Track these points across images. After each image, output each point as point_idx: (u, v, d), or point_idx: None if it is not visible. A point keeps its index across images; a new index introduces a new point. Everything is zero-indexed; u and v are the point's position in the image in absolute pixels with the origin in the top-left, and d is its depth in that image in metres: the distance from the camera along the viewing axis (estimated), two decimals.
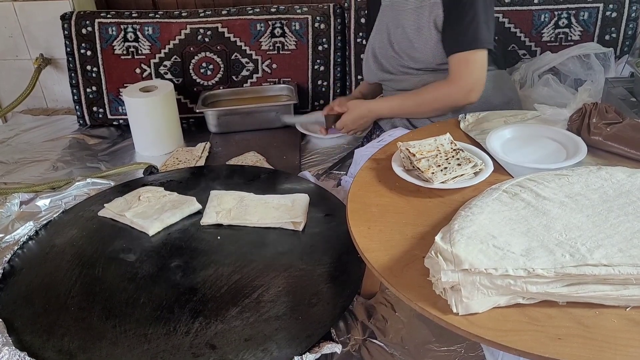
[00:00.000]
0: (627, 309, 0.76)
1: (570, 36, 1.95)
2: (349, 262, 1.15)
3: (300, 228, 1.28)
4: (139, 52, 2.05)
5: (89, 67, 2.07)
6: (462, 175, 1.08)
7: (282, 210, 1.31)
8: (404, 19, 1.47)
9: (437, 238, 0.83)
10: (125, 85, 2.05)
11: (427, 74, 1.48)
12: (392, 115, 1.56)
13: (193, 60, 2.06)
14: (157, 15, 2.05)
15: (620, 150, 1.14)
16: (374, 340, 1.05)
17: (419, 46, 1.44)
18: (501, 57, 1.57)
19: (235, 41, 2.04)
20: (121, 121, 2.12)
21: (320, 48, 2.05)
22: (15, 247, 1.30)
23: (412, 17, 1.44)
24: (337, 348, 1.00)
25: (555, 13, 1.94)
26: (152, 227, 1.29)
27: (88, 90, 2.10)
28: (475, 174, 1.10)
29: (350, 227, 0.99)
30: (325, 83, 2.09)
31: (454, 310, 0.77)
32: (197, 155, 1.83)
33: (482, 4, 1.36)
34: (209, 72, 2.08)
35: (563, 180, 0.97)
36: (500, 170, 1.13)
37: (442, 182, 1.06)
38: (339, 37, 2.05)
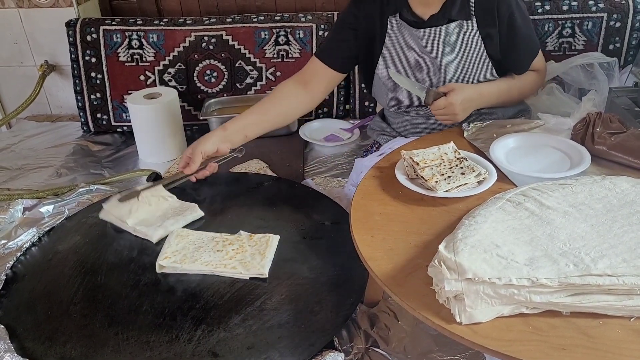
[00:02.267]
0: (631, 320, 0.76)
1: (574, 46, 1.96)
2: (352, 271, 1.14)
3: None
4: (144, 59, 2.06)
5: (93, 74, 2.08)
6: (465, 184, 1.08)
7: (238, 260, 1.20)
8: (435, 48, 1.41)
9: (441, 247, 0.83)
10: (129, 92, 2.06)
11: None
12: (496, 102, 1.47)
13: (197, 68, 2.07)
14: (161, 23, 2.06)
15: (624, 159, 1.14)
16: (377, 349, 1.04)
17: (448, 76, 1.42)
18: None
19: (240, 49, 2.05)
20: (125, 128, 2.13)
21: None
22: (18, 254, 1.30)
23: (450, 45, 1.41)
24: (339, 357, 0.99)
25: (559, 22, 1.94)
26: (156, 234, 1.29)
27: (92, 96, 2.10)
28: (479, 182, 1.10)
29: (353, 235, 0.99)
30: None
31: (458, 320, 0.77)
32: None
33: (525, 16, 1.44)
34: (213, 80, 2.08)
35: (567, 189, 0.97)
36: (504, 179, 1.13)
37: (446, 191, 1.07)
38: None
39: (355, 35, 1.51)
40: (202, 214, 1.37)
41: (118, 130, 2.15)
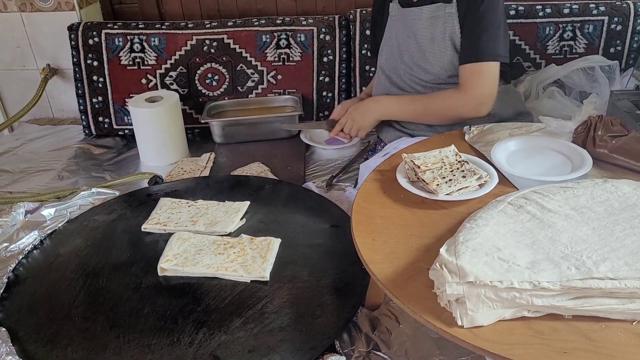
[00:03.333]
0: (634, 323, 0.76)
1: (575, 49, 1.96)
2: (353, 274, 1.14)
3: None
4: (145, 62, 2.06)
5: (95, 78, 2.09)
6: (466, 187, 1.08)
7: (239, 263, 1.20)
8: (416, 29, 1.46)
9: (442, 250, 0.82)
10: (131, 95, 2.06)
11: (437, 88, 1.48)
12: (399, 115, 1.52)
13: (199, 71, 2.07)
14: (163, 27, 2.07)
15: (626, 163, 1.14)
16: (378, 353, 1.04)
17: (431, 57, 1.45)
18: (508, 71, 1.58)
19: (241, 52, 2.05)
20: (126, 131, 2.13)
21: (325, 59, 2.06)
22: (20, 257, 1.30)
23: (425, 27, 1.44)
24: None
25: (560, 26, 1.94)
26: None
27: (94, 100, 2.11)
28: (480, 186, 1.10)
29: (354, 239, 0.99)
30: (330, 94, 2.10)
31: (459, 323, 0.77)
32: (202, 165, 1.83)
33: (499, 16, 1.36)
34: (214, 83, 2.09)
35: (568, 192, 0.97)
36: (505, 183, 1.12)
37: (447, 194, 1.07)
38: (344, 49, 2.06)
39: (374, 25, 1.68)
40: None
41: (120, 133, 2.15)
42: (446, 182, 1.09)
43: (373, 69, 2.00)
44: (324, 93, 2.09)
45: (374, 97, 1.57)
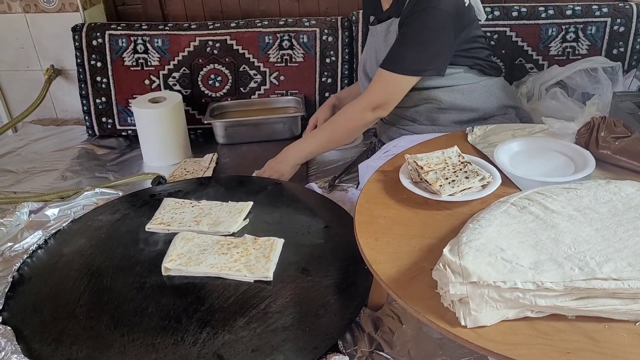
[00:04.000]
0: (637, 324, 0.76)
1: (578, 50, 1.96)
2: (356, 274, 1.15)
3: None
4: (149, 63, 2.07)
5: (98, 78, 2.09)
6: (469, 188, 1.09)
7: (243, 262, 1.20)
8: (375, 45, 1.52)
9: (445, 250, 0.83)
10: (134, 96, 2.07)
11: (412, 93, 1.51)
12: (312, 150, 1.59)
13: (202, 72, 2.08)
14: (166, 28, 2.07)
15: (629, 164, 1.14)
16: (381, 353, 1.04)
17: None
18: (498, 67, 1.61)
19: (244, 53, 2.06)
20: (130, 132, 2.14)
21: (327, 60, 2.06)
22: (25, 256, 1.30)
23: (380, 43, 1.50)
24: None
25: (563, 27, 1.95)
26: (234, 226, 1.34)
27: (97, 101, 2.12)
28: (483, 186, 1.10)
29: (357, 239, 0.99)
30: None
31: (462, 323, 0.77)
32: (205, 166, 1.84)
33: (429, 33, 1.36)
34: (217, 84, 2.09)
35: (572, 193, 0.97)
36: (508, 183, 1.13)
37: (450, 195, 1.07)
38: (346, 50, 2.07)
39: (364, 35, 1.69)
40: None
41: (123, 134, 2.16)
42: (449, 182, 1.09)
43: None
44: (327, 94, 2.09)
45: (289, 145, 1.61)
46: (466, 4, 1.41)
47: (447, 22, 1.36)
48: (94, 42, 2.07)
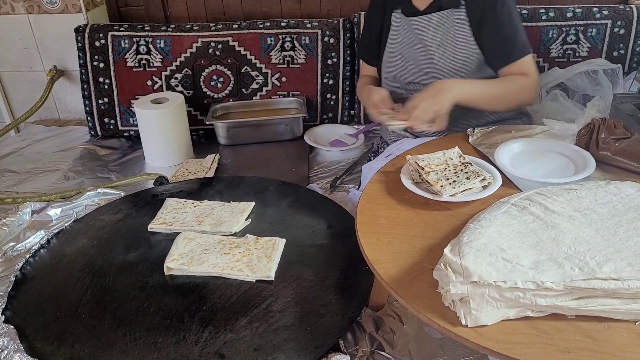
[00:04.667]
0: (637, 323, 0.76)
1: (579, 52, 1.97)
2: (358, 274, 1.15)
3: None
4: (151, 64, 2.08)
5: (101, 79, 2.10)
6: (470, 188, 1.09)
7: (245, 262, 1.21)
8: (424, 37, 1.47)
9: (446, 250, 0.83)
10: (136, 97, 2.08)
11: None
12: (473, 97, 1.37)
13: (204, 73, 2.08)
14: (169, 29, 2.08)
15: (629, 165, 1.14)
16: (382, 352, 1.05)
17: (440, 63, 1.46)
18: None
19: (246, 54, 2.07)
20: (132, 132, 2.15)
21: (329, 62, 2.07)
22: (27, 256, 1.31)
23: (434, 34, 1.46)
24: (345, 359, 1.00)
25: (564, 29, 1.95)
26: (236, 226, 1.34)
27: (100, 101, 2.12)
28: (484, 187, 1.11)
29: (359, 239, 1.00)
30: (334, 97, 2.11)
31: (463, 322, 0.77)
32: (207, 166, 1.85)
33: (515, 13, 1.41)
34: (219, 85, 2.10)
35: (572, 194, 0.97)
36: (509, 184, 1.13)
37: (451, 195, 1.07)
38: (348, 52, 2.07)
39: (371, 32, 1.62)
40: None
41: (125, 134, 2.16)
42: (450, 183, 1.10)
43: None
44: (328, 95, 2.10)
45: (440, 80, 1.35)
46: None
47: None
48: (97, 43, 2.07)
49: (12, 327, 1.07)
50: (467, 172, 1.13)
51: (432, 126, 1.30)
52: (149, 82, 2.09)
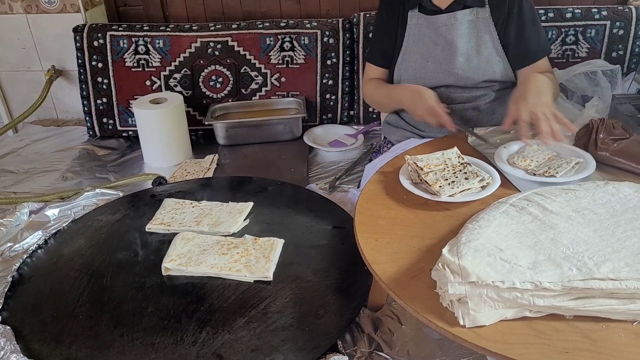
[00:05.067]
0: (634, 324, 0.76)
1: (578, 53, 1.97)
2: (356, 274, 1.15)
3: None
4: (150, 64, 2.08)
5: (99, 79, 2.10)
6: (469, 189, 1.09)
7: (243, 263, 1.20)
8: (448, 35, 1.45)
9: (445, 250, 0.83)
10: (135, 97, 2.08)
11: (465, 92, 1.50)
12: (552, 93, 1.33)
13: (203, 73, 2.08)
14: (168, 29, 2.08)
15: (627, 165, 1.14)
16: (380, 353, 1.04)
17: (464, 61, 1.46)
18: None
19: (245, 55, 2.07)
20: (130, 132, 2.15)
21: (328, 62, 2.07)
22: (25, 256, 1.31)
23: (459, 32, 1.45)
24: None
25: (563, 30, 1.95)
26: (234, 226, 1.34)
27: (98, 101, 2.12)
28: (483, 187, 1.10)
29: (357, 239, 1.00)
30: (333, 97, 2.11)
31: (461, 323, 0.77)
32: (206, 167, 1.84)
33: (536, 12, 1.43)
34: (218, 85, 2.10)
35: (570, 194, 0.97)
36: (508, 185, 1.13)
37: (450, 196, 1.07)
38: (347, 52, 2.07)
39: (385, 32, 1.57)
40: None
41: (124, 134, 2.16)
42: (449, 183, 1.10)
43: None
44: (328, 96, 2.10)
45: (523, 83, 1.34)
46: None
47: None
48: (95, 43, 2.07)
49: (8, 327, 1.06)
50: (465, 173, 1.13)
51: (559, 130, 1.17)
52: (148, 82, 2.09)
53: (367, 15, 2.04)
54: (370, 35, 1.99)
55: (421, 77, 1.51)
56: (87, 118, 2.15)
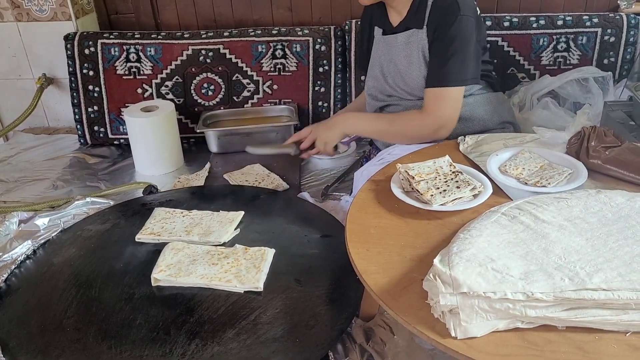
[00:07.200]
0: (627, 334, 0.75)
1: (569, 60, 1.97)
2: (347, 284, 1.14)
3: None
4: (141, 72, 2.07)
5: (90, 87, 2.09)
6: (461, 197, 1.08)
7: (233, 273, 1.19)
8: (395, 55, 1.49)
9: (436, 261, 0.82)
10: (126, 105, 2.06)
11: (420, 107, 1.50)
12: (363, 131, 1.55)
13: (194, 81, 2.07)
14: (159, 36, 2.07)
15: (619, 173, 1.14)
16: None
17: (410, 80, 1.47)
18: (497, 81, 1.58)
19: (237, 62, 2.06)
20: (122, 140, 2.13)
21: (320, 70, 2.07)
22: (13, 266, 1.29)
23: (402, 53, 1.47)
24: None
25: (554, 37, 1.96)
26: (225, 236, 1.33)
27: (89, 109, 2.11)
28: (474, 196, 1.10)
29: (348, 249, 0.99)
30: (325, 104, 2.10)
31: (453, 334, 0.76)
32: (197, 174, 1.83)
33: (468, 39, 1.35)
34: (210, 93, 2.09)
35: (562, 203, 0.97)
36: (499, 193, 1.13)
37: (441, 205, 1.07)
38: (339, 59, 2.07)
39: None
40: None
41: (115, 143, 2.15)
42: (440, 192, 1.09)
43: None
44: (320, 103, 2.10)
45: (341, 113, 1.61)
46: (478, 12, 1.41)
47: (473, 29, 1.36)
48: (86, 51, 2.06)
49: None
50: (457, 181, 1.12)
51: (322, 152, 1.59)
52: (139, 90, 2.08)
53: (359, 22, 2.03)
54: None
55: (385, 91, 1.56)
56: (78, 126, 2.13)
